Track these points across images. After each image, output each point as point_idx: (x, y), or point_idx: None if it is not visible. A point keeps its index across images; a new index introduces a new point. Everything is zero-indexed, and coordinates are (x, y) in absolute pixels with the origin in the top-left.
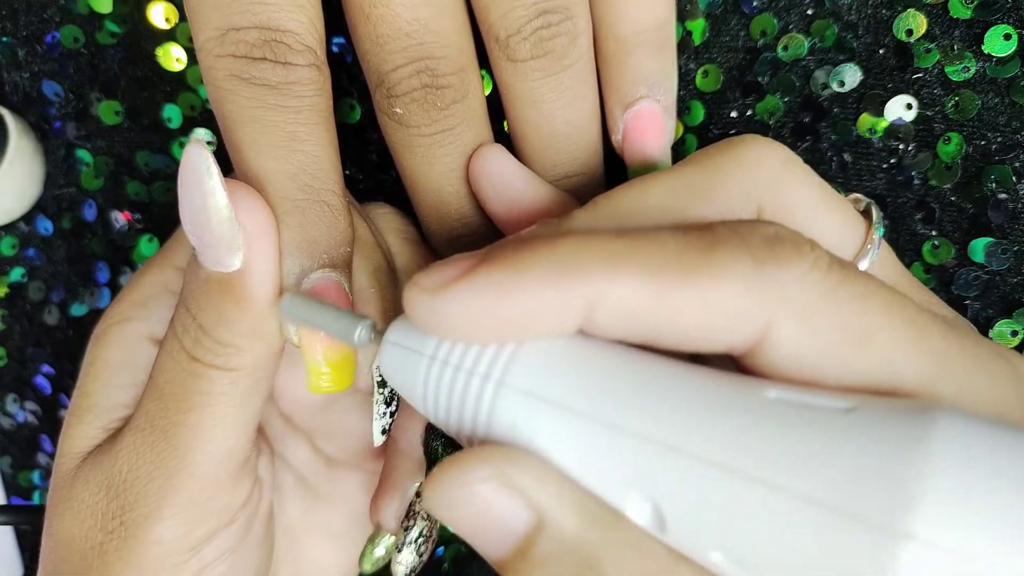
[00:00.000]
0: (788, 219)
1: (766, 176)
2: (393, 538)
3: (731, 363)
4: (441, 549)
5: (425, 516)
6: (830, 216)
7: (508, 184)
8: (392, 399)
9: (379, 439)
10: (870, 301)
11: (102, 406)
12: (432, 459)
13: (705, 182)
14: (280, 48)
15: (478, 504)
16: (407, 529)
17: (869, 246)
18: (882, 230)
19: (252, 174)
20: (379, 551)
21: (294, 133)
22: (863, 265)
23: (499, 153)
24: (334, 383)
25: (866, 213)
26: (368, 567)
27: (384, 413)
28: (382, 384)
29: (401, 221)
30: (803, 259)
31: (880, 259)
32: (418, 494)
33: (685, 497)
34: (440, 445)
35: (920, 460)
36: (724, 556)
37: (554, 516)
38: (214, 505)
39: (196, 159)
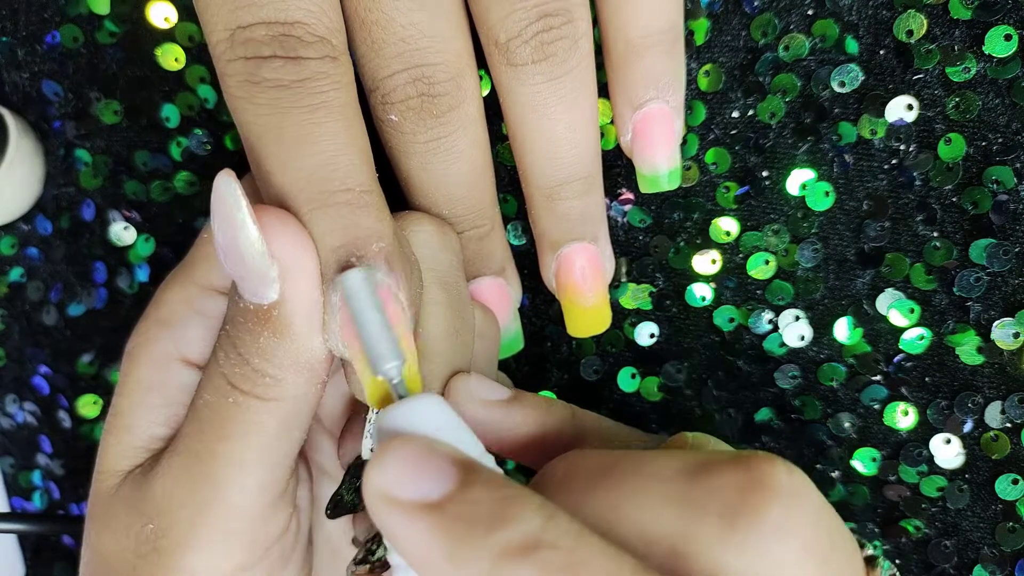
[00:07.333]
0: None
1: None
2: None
3: None
4: None
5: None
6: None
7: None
8: None
9: (369, 456)
10: None
11: (137, 426)
12: (337, 502)
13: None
14: (290, 42)
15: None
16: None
17: None
18: None
19: (271, 188)
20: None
21: (306, 136)
22: None
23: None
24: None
25: (869, 561)
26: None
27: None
28: None
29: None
30: None
31: None
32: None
33: None
34: (346, 492)
35: None
36: None
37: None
38: (248, 537)
39: (225, 192)
